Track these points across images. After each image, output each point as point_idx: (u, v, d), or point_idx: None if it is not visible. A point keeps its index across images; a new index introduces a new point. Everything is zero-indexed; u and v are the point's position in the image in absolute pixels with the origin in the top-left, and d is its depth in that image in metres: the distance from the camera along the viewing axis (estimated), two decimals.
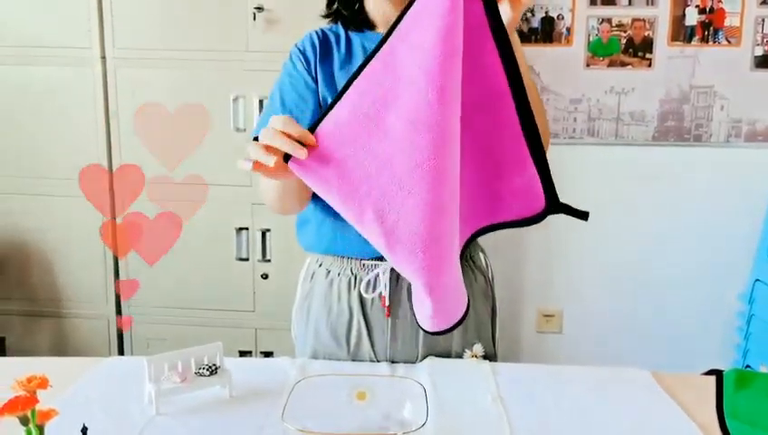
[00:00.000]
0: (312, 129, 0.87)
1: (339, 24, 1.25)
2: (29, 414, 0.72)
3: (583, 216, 0.93)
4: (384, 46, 0.86)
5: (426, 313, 0.93)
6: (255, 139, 1.25)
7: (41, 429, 0.74)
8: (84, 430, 0.82)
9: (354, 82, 0.86)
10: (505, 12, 0.90)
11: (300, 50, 1.24)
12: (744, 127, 2.62)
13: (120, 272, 2.54)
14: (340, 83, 1.18)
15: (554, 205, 0.92)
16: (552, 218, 0.99)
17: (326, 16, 1.27)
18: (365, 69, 0.86)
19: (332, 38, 1.24)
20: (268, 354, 2.50)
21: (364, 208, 0.85)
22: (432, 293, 0.87)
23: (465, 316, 0.99)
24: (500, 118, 0.88)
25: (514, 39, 0.95)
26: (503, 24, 0.87)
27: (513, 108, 0.86)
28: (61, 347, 2.60)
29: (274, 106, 1.21)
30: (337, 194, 0.86)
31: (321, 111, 0.94)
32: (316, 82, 1.21)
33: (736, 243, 2.66)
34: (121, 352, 2.60)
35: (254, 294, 2.52)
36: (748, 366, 2.49)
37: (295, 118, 1.20)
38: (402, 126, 0.84)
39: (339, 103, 0.87)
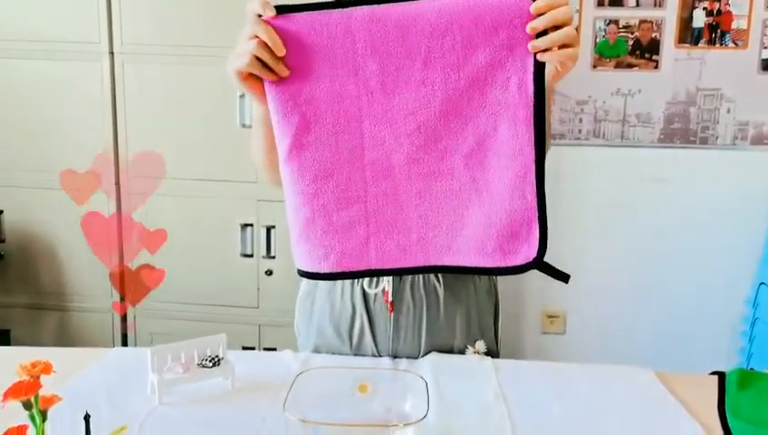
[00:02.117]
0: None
1: None
2: (32, 399, 0.73)
3: (564, 278, 0.92)
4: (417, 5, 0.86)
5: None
6: None
7: (44, 414, 0.74)
8: (87, 417, 0.83)
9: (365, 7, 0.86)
10: (549, 73, 0.89)
11: None
12: (750, 130, 2.62)
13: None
14: None
15: (540, 259, 0.91)
16: (555, 219, 0.99)
17: None
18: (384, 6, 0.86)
19: None
20: (271, 350, 2.50)
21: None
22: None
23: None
24: (515, 164, 0.88)
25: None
26: (543, 88, 0.87)
27: (531, 158, 0.87)
28: (65, 340, 2.61)
29: None
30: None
31: None
32: None
33: (741, 246, 2.65)
34: (125, 346, 2.61)
35: (258, 290, 2.53)
36: (752, 370, 2.48)
37: None
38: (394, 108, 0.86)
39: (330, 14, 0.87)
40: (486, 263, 0.91)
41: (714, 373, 1.20)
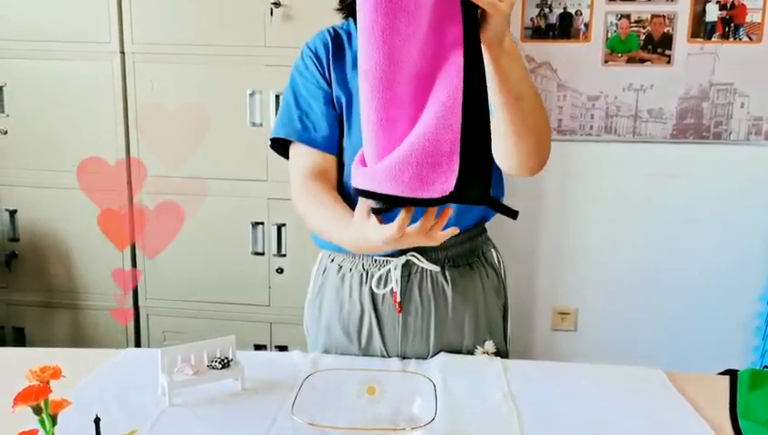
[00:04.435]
0: None
1: (351, 20, 1.24)
2: (42, 404, 0.73)
3: (513, 214, 0.88)
4: None
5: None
6: (273, 140, 1.24)
7: (53, 418, 0.75)
8: (97, 420, 0.83)
9: None
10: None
11: (311, 50, 1.22)
12: (764, 125, 2.59)
13: (137, 265, 2.57)
14: (353, 84, 1.17)
15: (482, 198, 0.86)
16: (567, 216, 0.97)
17: (340, 10, 1.26)
18: None
19: (344, 36, 1.22)
20: (283, 348, 2.51)
21: None
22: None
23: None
24: (444, 95, 0.85)
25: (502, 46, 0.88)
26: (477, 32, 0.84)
27: (459, 90, 0.83)
28: (78, 338, 2.64)
29: (289, 106, 1.22)
30: None
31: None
32: (329, 83, 1.20)
33: (755, 242, 2.63)
34: (138, 344, 2.62)
35: (269, 288, 2.54)
36: (766, 367, 2.47)
37: (306, 118, 1.21)
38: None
39: None
40: (401, 192, 0.86)
41: (725, 372, 1.19)
